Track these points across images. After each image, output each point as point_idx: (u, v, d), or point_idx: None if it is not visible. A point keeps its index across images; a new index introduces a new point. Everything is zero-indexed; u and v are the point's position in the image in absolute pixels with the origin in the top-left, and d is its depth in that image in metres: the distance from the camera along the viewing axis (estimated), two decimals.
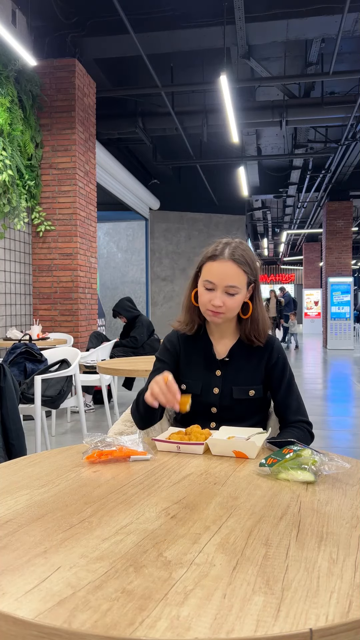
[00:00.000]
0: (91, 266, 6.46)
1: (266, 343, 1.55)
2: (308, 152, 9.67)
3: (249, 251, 1.52)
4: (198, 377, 1.54)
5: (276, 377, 1.53)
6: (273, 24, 5.54)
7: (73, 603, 0.62)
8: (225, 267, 1.45)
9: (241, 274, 1.47)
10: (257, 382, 1.52)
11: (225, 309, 1.47)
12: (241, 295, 1.48)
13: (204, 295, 1.49)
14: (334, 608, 0.60)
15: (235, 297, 1.47)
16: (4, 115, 5.06)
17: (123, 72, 7.29)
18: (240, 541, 0.78)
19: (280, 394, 1.52)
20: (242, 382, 1.51)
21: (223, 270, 1.45)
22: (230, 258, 1.46)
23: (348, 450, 4.12)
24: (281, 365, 1.54)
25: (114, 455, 1.17)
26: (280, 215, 17.04)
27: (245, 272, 1.47)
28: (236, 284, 1.46)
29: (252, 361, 1.53)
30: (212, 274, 1.47)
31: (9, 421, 2.54)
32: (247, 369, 1.53)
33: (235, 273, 1.46)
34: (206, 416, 1.52)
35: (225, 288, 1.45)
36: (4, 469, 1.14)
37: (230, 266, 1.45)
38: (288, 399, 1.52)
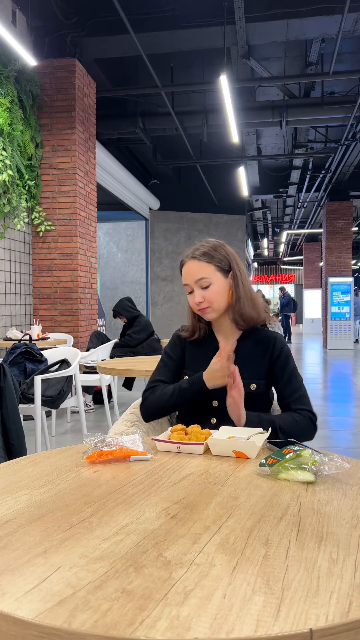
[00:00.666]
0: (91, 266, 6.46)
1: (269, 337, 1.58)
2: (308, 152, 9.67)
3: (212, 243, 1.57)
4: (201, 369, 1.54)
5: (279, 369, 1.55)
6: (273, 24, 5.54)
7: (73, 603, 0.62)
8: (189, 266, 1.55)
9: (205, 265, 1.53)
10: (259, 376, 1.54)
11: (207, 303, 1.53)
12: (217, 285, 1.53)
13: (189, 299, 1.58)
14: (334, 608, 0.60)
15: (210, 288, 1.52)
16: (4, 115, 5.06)
17: (123, 72, 7.29)
18: (240, 541, 0.78)
19: (282, 383, 1.54)
20: (244, 375, 1.51)
21: (188, 270, 1.55)
22: (191, 258, 1.55)
23: (348, 450, 4.12)
24: (284, 357, 1.56)
25: (114, 455, 1.17)
26: (280, 215, 17.04)
27: (208, 262, 1.53)
28: (203, 276, 1.52)
29: (255, 355, 1.55)
30: (183, 278, 1.57)
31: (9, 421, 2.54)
32: (250, 362, 1.54)
33: (198, 267, 1.53)
34: (207, 410, 1.53)
35: (197, 284, 1.53)
36: (4, 469, 1.14)
37: (193, 263, 1.54)
38: (290, 388, 1.54)
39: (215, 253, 1.55)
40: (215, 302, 1.53)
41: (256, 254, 26.65)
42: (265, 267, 31.72)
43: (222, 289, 1.54)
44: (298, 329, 23.29)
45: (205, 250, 1.55)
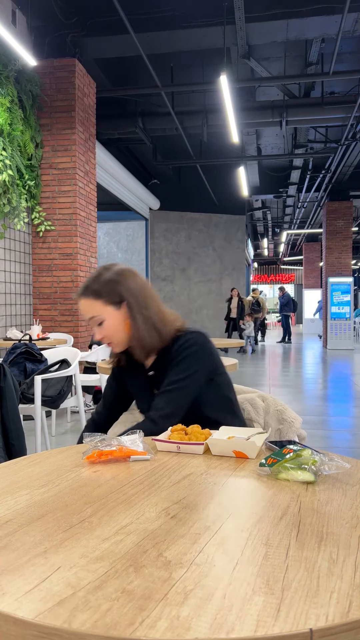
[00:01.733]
0: (91, 266, 6.46)
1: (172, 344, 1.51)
2: (308, 152, 9.67)
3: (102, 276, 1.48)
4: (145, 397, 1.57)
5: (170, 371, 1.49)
6: (273, 24, 5.55)
7: (73, 603, 0.62)
8: (80, 305, 1.49)
9: (93, 303, 1.46)
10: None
11: (107, 339, 1.49)
12: (110, 320, 1.46)
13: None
14: (334, 608, 0.60)
15: (104, 325, 1.47)
16: (4, 115, 5.06)
17: (123, 72, 7.29)
18: (240, 541, 0.78)
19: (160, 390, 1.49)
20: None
21: (81, 309, 1.50)
22: (79, 297, 1.48)
23: (348, 450, 4.12)
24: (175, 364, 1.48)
25: (114, 455, 1.17)
26: (280, 215, 17.05)
27: (96, 299, 1.46)
28: (93, 314, 1.46)
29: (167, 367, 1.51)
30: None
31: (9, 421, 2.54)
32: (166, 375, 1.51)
33: (86, 305, 1.47)
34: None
35: (92, 322, 1.48)
36: (4, 469, 1.14)
37: (82, 302, 1.48)
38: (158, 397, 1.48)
39: (102, 287, 1.46)
40: (114, 337, 1.48)
41: (256, 254, 26.66)
42: (265, 267, 31.73)
43: (117, 322, 1.47)
44: (298, 329, 23.29)
45: (92, 286, 1.47)
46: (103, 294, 1.45)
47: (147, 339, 1.48)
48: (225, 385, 1.58)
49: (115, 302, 1.46)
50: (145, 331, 1.47)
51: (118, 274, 1.49)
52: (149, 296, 1.51)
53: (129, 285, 1.48)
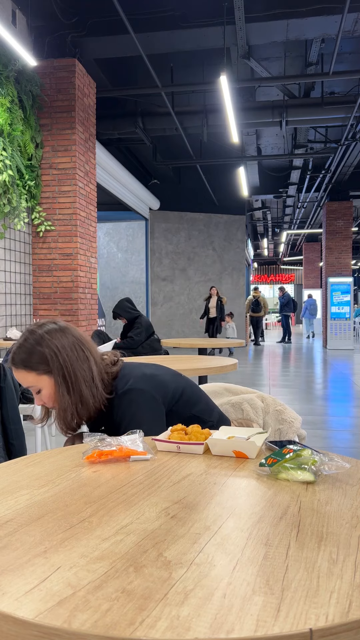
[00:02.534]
0: (91, 266, 6.47)
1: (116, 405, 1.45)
2: (308, 152, 9.67)
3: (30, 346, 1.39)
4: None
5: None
6: (273, 24, 5.55)
7: (73, 603, 0.62)
8: (14, 373, 1.41)
9: (26, 374, 1.39)
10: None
11: (48, 405, 1.43)
12: (47, 390, 1.40)
13: None
14: (334, 608, 0.60)
15: (42, 393, 1.40)
16: (4, 115, 5.06)
17: (123, 72, 7.29)
18: (240, 541, 0.78)
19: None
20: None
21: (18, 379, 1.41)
22: (12, 364, 1.40)
23: (348, 450, 4.12)
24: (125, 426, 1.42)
25: (114, 455, 1.17)
26: (280, 215, 17.05)
27: (27, 370, 1.38)
28: (28, 385, 1.40)
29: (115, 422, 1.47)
30: None
31: (9, 421, 2.54)
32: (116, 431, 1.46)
33: (22, 377, 1.39)
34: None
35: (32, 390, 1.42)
36: (4, 469, 1.14)
37: (15, 372, 1.40)
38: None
39: (31, 357, 1.38)
40: (55, 404, 1.42)
41: (256, 254, 26.66)
42: (265, 267, 31.73)
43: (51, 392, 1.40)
44: (298, 329, 23.30)
45: (21, 357, 1.38)
46: (33, 365, 1.38)
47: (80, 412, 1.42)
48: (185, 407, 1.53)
49: (48, 371, 1.38)
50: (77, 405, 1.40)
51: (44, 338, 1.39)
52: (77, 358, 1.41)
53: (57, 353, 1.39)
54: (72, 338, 1.43)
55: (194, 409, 1.53)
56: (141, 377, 1.47)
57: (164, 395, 1.48)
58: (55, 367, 1.38)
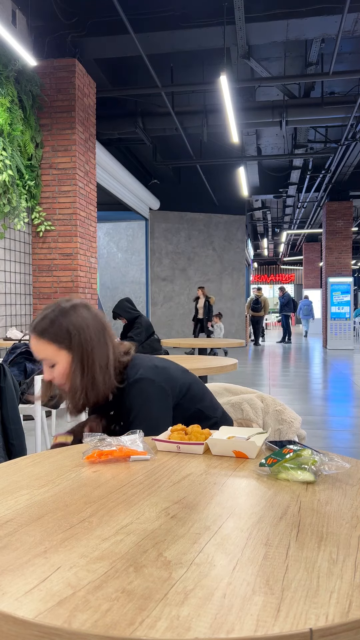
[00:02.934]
0: (91, 266, 6.47)
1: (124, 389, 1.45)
2: (308, 152, 9.67)
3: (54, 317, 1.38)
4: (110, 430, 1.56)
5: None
6: (273, 24, 5.55)
7: (73, 603, 0.62)
8: (32, 343, 1.39)
9: (45, 345, 1.37)
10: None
11: (57, 381, 1.40)
12: (61, 365, 1.37)
13: None
14: (334, 608, 0.60)
15: (56, 368, 1.38)
16: (4, 115, 5.06)
17: (123, 72, 7.29)
18: (240, 541, 0.78)
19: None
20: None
21: (32, 347, 1.39)
22: (32, 332, 1.38)
23: (348, 450, 4.12)
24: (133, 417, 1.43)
25: (114, 455, 1.17)
26: (280, 215, 17.06)
27: (48, 342, 1.36)
28: (43, 357, 1.38)
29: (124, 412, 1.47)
30: None
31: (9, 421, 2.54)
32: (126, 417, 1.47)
33: (38, 346, 1.37)
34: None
35: (44, 363, 1.39)
36: (4, 469, 1.14)
37: (33, 341, 1.38)
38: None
39: (53, 329, 1.36)
40: (66, 381, 1.40)
41: (256, 254, 26.66)
42: (265, 267, 31.73)
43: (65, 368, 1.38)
44: (298, 329, 23.30)
45: (44, 326, 1.37)
46: (55, 337, 1.36)
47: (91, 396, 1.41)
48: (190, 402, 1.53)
49: (68, 347, 1.37)
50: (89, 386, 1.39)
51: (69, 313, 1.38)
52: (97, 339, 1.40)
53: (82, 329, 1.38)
54: (97, 321, 1.42)
55: (199, 404, 1.54)
56: (152, 367, 1.47)
57: (173, 388, 1.48)
58: (75, 344, 1.37)
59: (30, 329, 1.39)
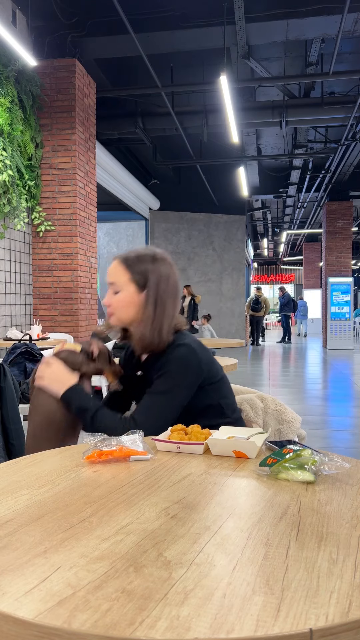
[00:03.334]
0: (91, 266, 6.47)
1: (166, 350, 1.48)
2: (308, 152, 9.67)
3: (142, 253, 1.48)
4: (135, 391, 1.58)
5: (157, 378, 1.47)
6: (273, 24, 5.55)
7: (73, 603, 0.62)
8: (111, 266, 1.48)
9: (121, 271, 1.46)
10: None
11: (112, 309, 1.47)
12: (125, 295, 1.45)
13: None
14: (334, 608, 0.60)
15: (118, 296, 1.46)
16: (4, 115, 5.06)
17: (123, 72, 7.29)
18: (240, 541, 0.78)
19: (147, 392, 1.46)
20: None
21: (109, 269, 1.48)
22: (116, 258, 1.48)
23: (348, 450, 4.12)
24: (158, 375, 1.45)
25: (114, 455, 1.17)
26: (280, 215, 17.05)
27: (127, 270, 1.45)
28: (114, 281, 1.46)
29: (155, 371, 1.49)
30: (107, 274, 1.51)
31: (9, 421, 2.54)
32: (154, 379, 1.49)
33: (115, 270, 1.46)
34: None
35: (110, 287, 1.47)
36: (4, 469, 1.14)
37: (114, 265, 1.47)
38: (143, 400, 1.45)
39: (137, 264, 1.45)
40: (118, 312, 1.47)
41: (256, 254, 26.66)
42: (265, 267, 31.73)
43: (130, 302, 1.45)
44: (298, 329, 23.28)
45: (131, 257, 1.47)
46: (134, 270, 1.45)
47: (147, 337, 1.45)
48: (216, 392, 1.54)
49: (140, 285, 1.45)
50: (147, 327, 1.45)
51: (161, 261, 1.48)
52: (171, 296, 1.49)
53: (160, 279, 1.47)
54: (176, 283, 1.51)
55: (222, 400, 1.55)
56: (199, 343, 1.53)
57: (208, 370, 1.51)
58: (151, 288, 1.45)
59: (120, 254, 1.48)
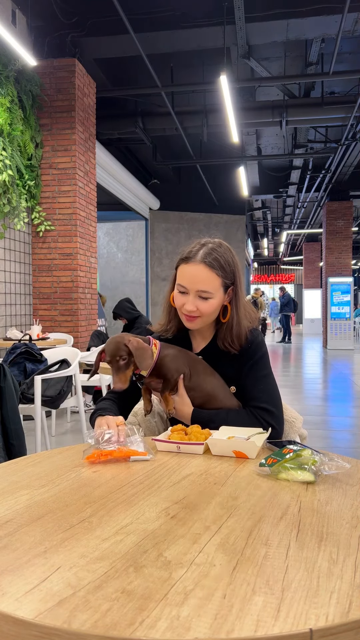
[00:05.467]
0: (91, 266, 6.46)
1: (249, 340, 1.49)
2: (308, 152, 9.67)
3: (226, 253, 1.45)
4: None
5: (245, 374, 1.48)
6: (273, 24, 5.54)
7: (73, 603, 0.62)
8: (196, 270, 1.40)
9: (213, 278, 1.41)
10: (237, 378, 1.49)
11: (199, 313, 1.43)
12: (216, 300, 1.43)
13: (178, 298, 1.47)
14: (334, 608, 0.60)
15: (209, 302, 1.42)
16: (4, 115, 5.06)
17: (123, 72, 7.29)
18: (240, 541, 0.78)
19: (247, 387, 1.47)
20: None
21: (194, 274, 1.41)
22: (202, 261, 1.41)
23: (348, 450, 4.12)
24: (252, 363, 1.48)
25: (114, 455, 1.17)
26: (280, 215, 17.04)
27: (218, 275, 1.42)
28: (208, 289, 1.41)
29: (223, 361, 1.50)
30: (183, 278, 1.43)
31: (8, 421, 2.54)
32: (220, 367, 1.49)
33: (206, 277, 1.40)
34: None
35: (197, 292, 1.41)
36: (4, 469, 1.14)
37: (202, 270, 1.40)
38: (253, 391, 1.45)
39: (228, 267, 1.44)
40: (207, 316, 1.45)
41: (256, 254, 26.66)
42: (265, 267, 31.72)
43: (218, 305, 1.45)
44: (298, 329, 23.30)
45: (221, 262, 1.43)
46: (222, 274, 1.43)
47: (234, 329, 1.46)
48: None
49: (227, 285, 1.45)
50: (235, 321, 1.47)
51: (235, 255, 1.48)
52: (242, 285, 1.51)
53: (240, 272, 1.49)
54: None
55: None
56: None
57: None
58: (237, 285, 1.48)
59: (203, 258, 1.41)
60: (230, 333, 1.47)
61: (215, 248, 1.44)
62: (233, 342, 1.47)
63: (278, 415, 1.45)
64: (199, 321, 1.46)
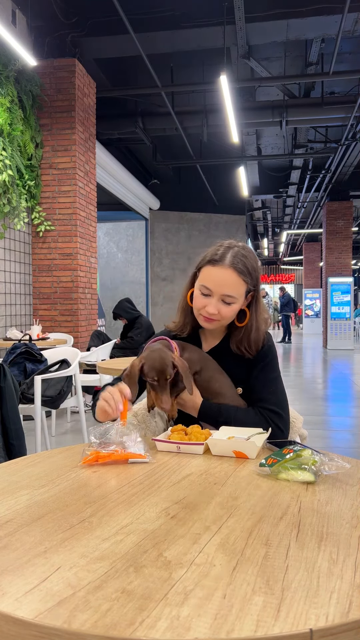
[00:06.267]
0: (91, 266, 6.46)
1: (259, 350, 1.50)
2: (308, 152, 9.67)
3: (251, 258, 1.45)
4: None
5: (255, 375, 1.48)
6: (273, 24, 5.54)
7: (73, 603, 0.61)
8: (224, 274, 1.39)
9: (240, 284, 1.41)
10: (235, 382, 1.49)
11: (219, 317, 1.42)
12: (238, 305, 1.43)
13: (198, 299, 1.45)
14: (334, 608, 0.60)
15: (231, 306, 1.42)
16: (4, 115, 5.06)
17: (123, 72, 7.29)
18: (240, 541, 0.78)
19: (257, 388, 1.47)
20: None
21: (222, 278, 1.39)
22: (231, 266, 1.39)
23: (348, 450, 4.12)
24: (263, 365, 1.48)
25: (112, 458, 1.17)
26: (280, 215, 17.04)
27: (245, 281, 1.41)
28: (234, 294, 1.40)
29: (232, 361, 1.50)
30: (209, 280, 1.41)
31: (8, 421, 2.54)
32: (228, 367, 1.49)
33: (233, 282, 1.40)
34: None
35: (221, 296, 1.40)
36: (4, 469, 1.14)
37: (230, 274, 1.39)
38: (263, 392, 1.45)
39: (254, 273, 1.44)
40: (226, 320, 1.45)
41: (256, 253, 26.64)
42: (265, 267, 31.72)
43: (238, 310, 1.45)
44: (298, 329, 23.29)
45: (248, 268, 1.42)
46: (248, 280, 1.42)
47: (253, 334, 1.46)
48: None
49: (249, 290, 1.45)
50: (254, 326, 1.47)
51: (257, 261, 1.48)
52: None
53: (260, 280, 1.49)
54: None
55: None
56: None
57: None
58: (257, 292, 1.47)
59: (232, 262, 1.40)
60: (247, 338, 1.47)
61: (241, 252, 1.44)
62: (250, 347, 1.47)
63: (286, 418, 1.46)
64: (216, 323, 1.45)
